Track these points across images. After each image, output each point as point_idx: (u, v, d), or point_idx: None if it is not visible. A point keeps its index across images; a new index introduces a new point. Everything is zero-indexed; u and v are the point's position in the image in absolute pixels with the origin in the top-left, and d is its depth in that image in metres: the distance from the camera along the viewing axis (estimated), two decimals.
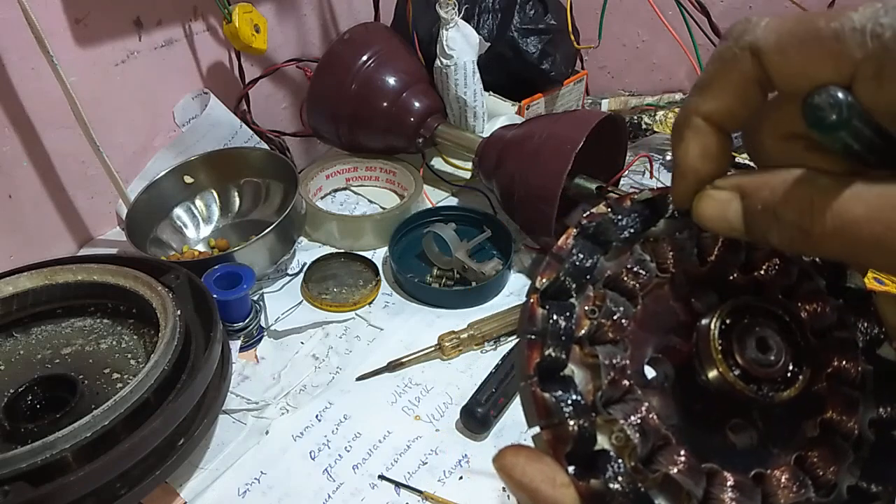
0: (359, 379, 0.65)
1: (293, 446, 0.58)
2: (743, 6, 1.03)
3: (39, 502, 0.43)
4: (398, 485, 0.55)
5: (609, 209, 0.25)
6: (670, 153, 0.95)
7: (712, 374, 0.23)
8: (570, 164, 0.69)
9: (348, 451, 0.58)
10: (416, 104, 0.88)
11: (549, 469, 0.21)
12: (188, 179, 0.83)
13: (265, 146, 0.90)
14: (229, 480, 0.55)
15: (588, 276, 0.24)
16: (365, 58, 0.86)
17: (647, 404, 0.22)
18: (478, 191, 0.89)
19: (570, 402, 0.22)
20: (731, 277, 0.25)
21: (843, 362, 0.24)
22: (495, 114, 0.92)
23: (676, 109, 1.02)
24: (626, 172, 0.89)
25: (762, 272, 0.25)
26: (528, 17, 0.90)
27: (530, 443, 0.23)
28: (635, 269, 0.25)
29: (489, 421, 0.59)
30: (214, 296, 0.61)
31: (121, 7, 0.75)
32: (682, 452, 0.22)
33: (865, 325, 0.25)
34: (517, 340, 0.24)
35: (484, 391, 0.60)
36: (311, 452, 0.58)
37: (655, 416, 0.22)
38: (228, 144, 0.87)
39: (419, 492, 0.54)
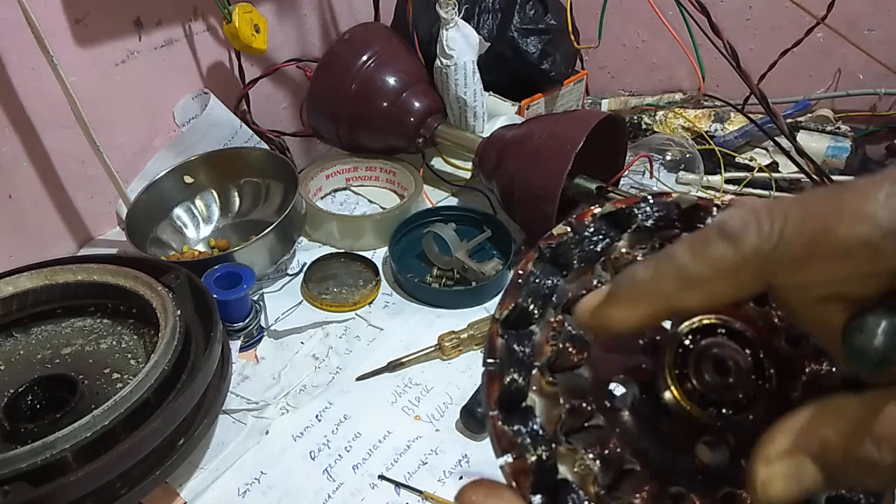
0: (359, 379, 0.65)
1: (293, 446, 0.58)
2: (743, 6, 1.03)
3: (39, 502, 0.43)
4: (398, 485, 0.55)
5: (569, 229, 0.25)
6: (670, 153, 0.95)
7: (668, 397, 0.23)
8: (570, 164, 0.69)
9: (348, 451, 0.58)
10: (416, 104, 0.88)
11: (514, 502, 0.21)
12: (188, 179, 0.83)
13: (265, 146, 0.90)
14: (229, 480, 0.55)
15: (549, 300, 0.24)
16: (365, 58, 0.86)
17: (608, 430, 0.22)
18: (478, 191, 0.89)
19: (529, 434, 0.22)
20: None
21: (818, 366, 0.23)
22: (495, 114, 0.92)
23: (676, 109, 1.02)
24: (626, 172, 0.89)
25: None
26: (528, 17, 0.90)
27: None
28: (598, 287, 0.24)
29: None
30: (214, 296, 0.61)
31: (121, 7, 0.75)
32: (647, 479, 0.22)
33: None
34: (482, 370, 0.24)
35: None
36: (311, 452, 0.58)
37: (618, 443, 0.22)
38: (228, 144, 0.87)
39: (419, 492, 0.54)
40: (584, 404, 0.22)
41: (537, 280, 0.24)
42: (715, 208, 0.25)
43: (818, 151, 0.89)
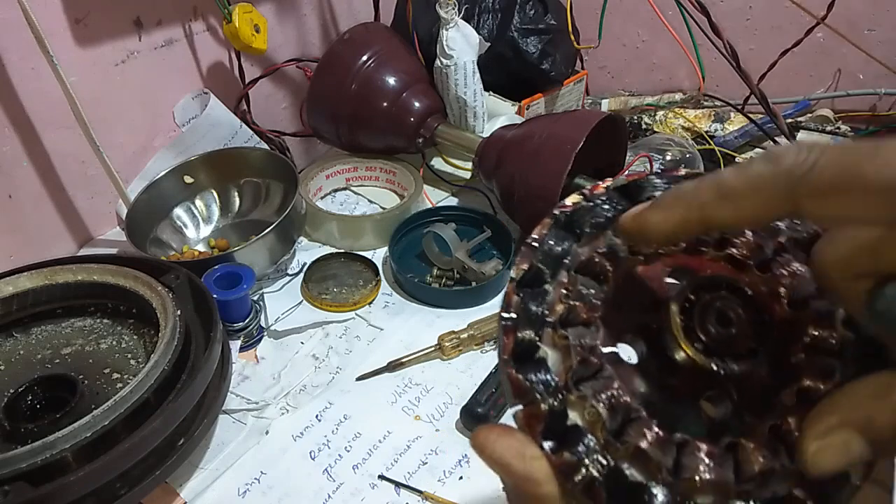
0: (359, 379, 0.65)
1: (293, 446, 0.58)
2: (743, 6, 1.03)
3: (39, 502, 0.43)
4: (398, 485, 0.55)
5: (582, 198, 0.27)
6: (670, 153, 0.95)
7: (676, 350, 0.24)
8: (570, 164, 0.69)
9: (348, 451, 0.58)
10: (416, 104, 0.88)
11: (519, 444, 0.22)
12: (188, 179, 0.83)
13: (265, 146, 0.90)
14: (229, 480, 0.55)
15: (562, 263, 0.25)
16: (365, 58, 0.86)
17: (616, 381, 0.23)
18: (478, 191, 0.89)
19: (541, 382, 0.23)
20: (706, 255, 0.26)
21: (820, 331, 0.24)
22: (495, 114, 0.92)
23: (676, 109, 1.02)
24: (626, 172, 0.89)
25: (736, 248, 0.26)
26: (528, 17, 0.90)
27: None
28: (607, 252, 0.26)
29: (489, 421, 0.59)
30: (214, 296, 0.61)
31: (121, 7, 0.75)
32: (653, 425, 0.23)
33: None
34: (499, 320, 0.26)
35: (484, 391, 0.60)
36: (311, 452, 0.58)
37: (625, 392, 0.23)
38: (228, 144, 0.87)
39: (419, 492, 0.54)
40: (594, 358, 0.24)
41: (552, 242, 0.26)
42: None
43: None
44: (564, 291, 0.25)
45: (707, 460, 0.22)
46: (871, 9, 0.96)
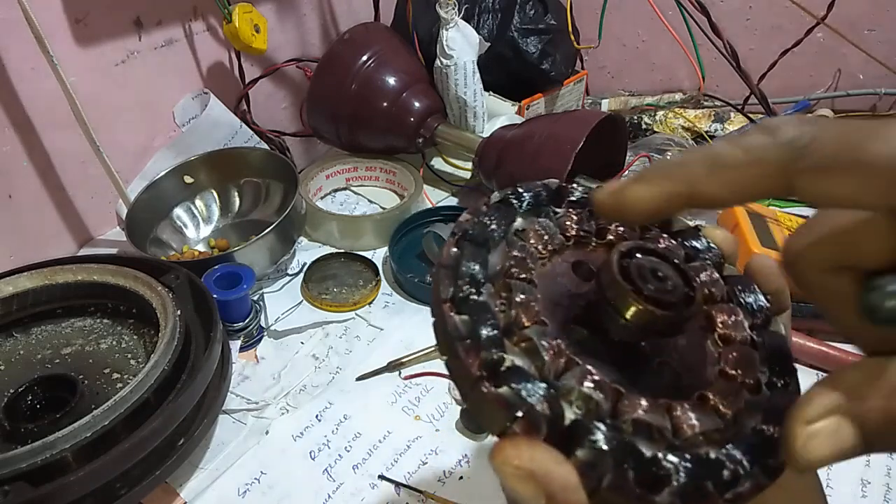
0: (359, 379, 0.65)
1: (293, 446, 0.58)
2: (743, 6, 1.03)
3: (39, 502, 0.43)
4: (398, 485, 0.55)
5: (471, 215, 0.27)
6: (670, 153, 0.95)
7: (631, 311, 0.24)
8: (570, 164, 0.69)
9: (348, 451, 0.58)
10: (416, 104, 0.88)
11: (550, 450, 0.21)
12: (188, 179, 0.83)
13: (265, 146, 0.90)
14: (229, 480, 0.55)
15: (482, 275, 0.25)
16: (365, 58, 0.86)
17: (590, 365, 0.23)
18: (478, 191, 0.89)
19: (528, 386, 0.22)
20: (592, 246, 0.29)
21: (729, 331, 0.26)
22: (495, 114, 0.92)
23: (676, 109, 1.02)
24: (626, 172, 0.89)
25: (613, 236, 0.28)
26: (528, 17, 0.90)
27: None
28: (520, 255, 0.26)
29: None
30: (214, 296, 0.61)
31: (121, 7, 0.75)
32: (637, 396, 0.23)
33: (695, 243, 0.29)
34: (446, 355, 0.24)
35: None
36: (311, 452, 0.58)
37: (601, 373, 0.23)
38: (228, 144, 0.87)
39: (419, 492, 0.54)
40: (561, 350, 0.23)
41: (471, 256, 0.25)
42: (576, 186, 0.30)
43: None
44: (500, 301, 0.25)
45: (694, 416, 0.23)
46: (871, 9, 0.96)
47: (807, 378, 0.22)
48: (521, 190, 0.29)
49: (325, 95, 0.88)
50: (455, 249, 0.26)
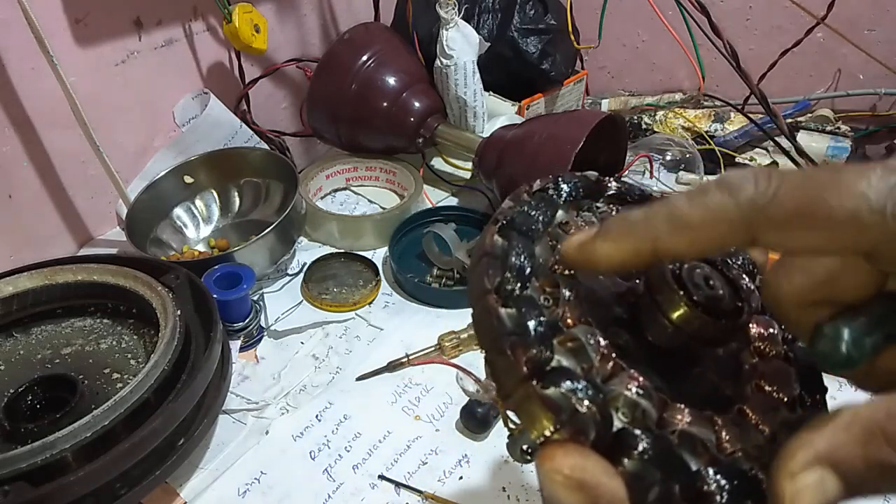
0: (359, 379, 0.65)
1: (293, 446, 0.58)
2: (743, 6, 1.03)
3: (39, 502, 0.43)
4: (398, 485, 0.55)
5: (514, 203, 0.26)
6: (670, 153, 0.95)
7: (678, 314, 0.23)
8: (570, 164, 0.69)
9: (348, 451, 0.58)
10: (416, 104, 0.88)
11: (602, 461, 0.20)
12: (188, 179, 0.83)
13: (265, 146, 0.90)
14: (229, 480, 0.55)
15: (529, 268, 0.24)
16: (365, 58, 0.86)
17: (636, 370, 0.22)
18: (478, 191, 0.89)
19: (578, 388, 0.20)
20: None
21: (765, 344, 0.26)
22: (495, 114, 0.92)
23: (676, 109, 1.02)
24: (626, 172, 0.89)
25: None
26: (528, 17, 0.90)
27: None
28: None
29: (489, 421, 0.59)
30: (214, 296, 0.61)
31: (121, 7, 0.75)
32: (681, 406, 0.22)
33: (741, 259, 0.27)
34: (486, 351, 0.23)
35: None
36: (311, 452, 0.58)
37: (646, 379, 0.22)
38: (228, 144, 0.87)
39: (419, 492, 0.54)
40: (608, 352, 0.22)
41: (519, 246, 0.24)
42: (612, 181, 0.29)
43: (818, 151, 0.89)
44: (546, 296, 0.23)
45: (734, 431, 0.22)
46: (871, 9, 0.96)
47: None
48: (560, 181, 0.28)
49: (325, 95, 0.88)
50: (500, 238, 0.24)
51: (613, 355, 0.22)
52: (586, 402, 0.20)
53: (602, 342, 0.22)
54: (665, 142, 0.96)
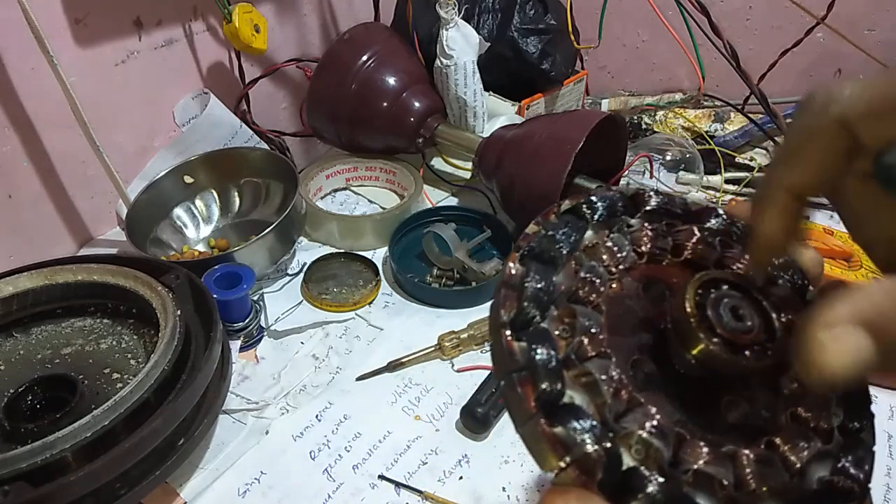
0: (359, 379, 0.65)
1: (293, 446, 0.58)
2: (743, 6, 1.03)
3: (39, 502, 0.42)
4: (398, 485, 0.55)
5: (539, 227, 0.25)
6: (670, 153, 0.95)
7: (697, 350, 0.23)
8: (571, 164, 0.69)
9: (348, 451, 0.58)
10: (416, 104, 0.88)
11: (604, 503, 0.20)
12: (188, 179, 0.83)
13: (265, 146, 0.90)
14: (229, 480, 0.55)
15: (547, 297, 0.23)
16: (365, 58, 0.86)
17: (652, 408, 0.22)
18: (478, 191, 0.89)
19: (586, 428, 0.20)
20: (665, 263, 0.26)
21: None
22: (495, 114, 0.92)
23: (676, 109, 1.02)
24: (626, 172, 0.89)
25: (690, 251, 0.26)
26: (528, 17, 0.90)
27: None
28: (588, 277, 0.24)
29: (489, 421, 0.59)
30: (214, 296, 0.61)
31: (121, 7, 0.75)
32: (701, 444, 0.21)
33: (791, 274, 0.26)
34: (501, 382, 0.23)
35: (484, 391, 0.60)
36: (311, 452, 0.58)
37: (664, 416, 0.22)
38: (228, 144, 0.87)
39: (419, 492, 0.54)
40: (623, 388, 0.22)
41: (536, 276, 0.24)
42: (652, 193, 0.27)
43: None
44: (562, 328, 0.23)
45: (756, 467, 0.22)
46: (871, 9, 0.96)
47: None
48: (594, 199, 0.27)
49: (325, 95, 0.88)
50: (519, 266, 0.24)
51: (629, 387, 0.22)
52: (592, 442, 0.20)
53: (616, 376, 0.22)
54: (665, 142, 0.96)
